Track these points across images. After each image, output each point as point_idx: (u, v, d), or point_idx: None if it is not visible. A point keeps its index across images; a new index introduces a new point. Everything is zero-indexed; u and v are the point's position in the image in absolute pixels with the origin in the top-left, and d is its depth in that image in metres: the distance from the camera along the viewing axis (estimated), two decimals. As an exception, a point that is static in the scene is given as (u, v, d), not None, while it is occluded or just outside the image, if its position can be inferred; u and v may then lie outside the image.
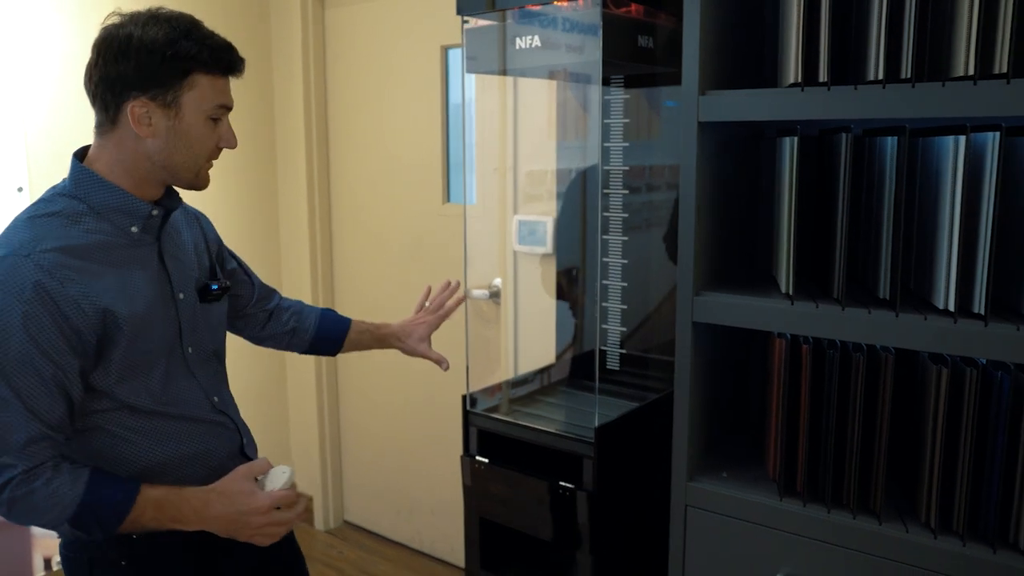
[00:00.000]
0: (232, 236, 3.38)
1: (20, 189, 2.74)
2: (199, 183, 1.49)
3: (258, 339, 1.93)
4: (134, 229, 1.43)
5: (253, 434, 1.70)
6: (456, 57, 3.03)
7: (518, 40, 1.92)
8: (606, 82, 2.12)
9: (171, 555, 1.49)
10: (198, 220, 1.69)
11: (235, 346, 3.28)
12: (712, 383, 1.81)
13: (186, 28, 1.39)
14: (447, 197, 3.15)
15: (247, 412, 3.47)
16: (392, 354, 2.07)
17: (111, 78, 1.36)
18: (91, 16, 2.88)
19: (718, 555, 1.71)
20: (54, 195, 1.42)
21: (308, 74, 3.42)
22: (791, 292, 1.58)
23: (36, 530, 2.85)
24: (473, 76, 2.76)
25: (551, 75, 2.39)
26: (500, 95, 2.75)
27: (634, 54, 1.89)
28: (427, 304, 2.01)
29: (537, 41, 1.90)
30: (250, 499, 1.38)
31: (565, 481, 1.89)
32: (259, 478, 1.43)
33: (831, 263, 1.55)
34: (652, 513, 1.92)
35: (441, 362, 1.96)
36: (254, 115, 3.47)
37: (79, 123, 2.91)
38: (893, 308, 1.45)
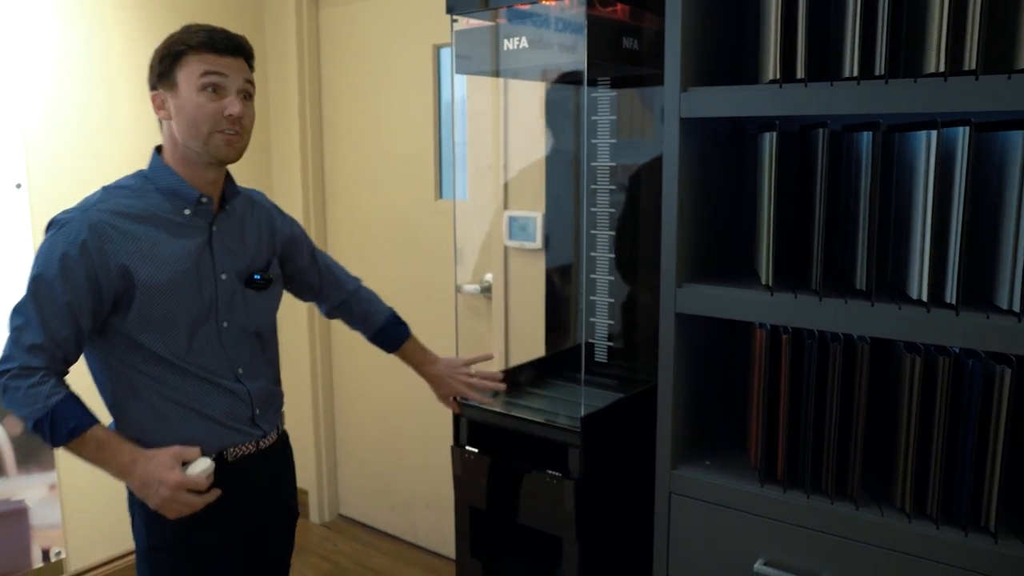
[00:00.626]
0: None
1: (19, 185, 2.76)
2: (216, 152, 1.67)
3: (328, 314, 2.18)
4: (187, 211, 1.70)
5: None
6: (448, 56, 3.07)
7: (506, 42, 1.96)
8: (592, 82, 2.16)
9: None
10: (271, 218, 1.92)
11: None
12: (696, 373, 1.85)
13: (185, 28, 1.66)
14: (439, 193, 3.19)
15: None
16: (386, 355, 2.15)
17: (148, 83, 1.69)
18: (89, 13, 2.91)
19: (702, 541, 1.75)
20: (135, 174, 1.73)
21: (302, 73, 3.46)
22: (771, 283, 1.62)
23: (35, 521, 2.88)
24: (464, 76, 2.81)
25: (541, 75, 2.43)
26: (492, 93, 2.78)
27: (619, 55, 1.93)
28: (471, 368, 2.15)
29: (525, 42, 1.94)
30: (166, 472, 1.58)
31: (553, 470, 1.92)
32: (186, 463, 1.62)
33: (809, 255, 1.59)
34: (638, 501, 1.95)
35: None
36: (249, 113, 3.50)
37: (78, 119, 2.95)
38: (869, 298, 1.49)
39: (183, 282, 1.67)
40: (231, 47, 1.67)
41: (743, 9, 1.95)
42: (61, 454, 2.90)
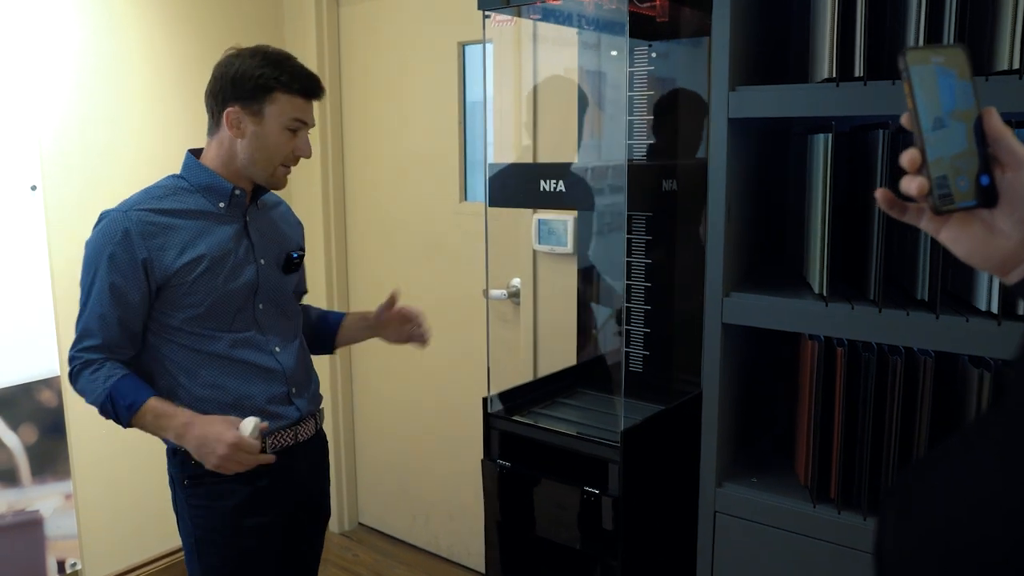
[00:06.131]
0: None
1: (34, 188, 2.71)
2: (275, 182, 1.82)
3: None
4: (221, 204, 1.80)
5: None
6: (473, 54, 2.99)
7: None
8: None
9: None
10: (288, 217, 2.03)
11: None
12: (740, 386, 1.77)
13: (275, 60, 1.75)
14: (464, 195, 3.11)
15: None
16: (409, 355, 2.06)
17: (218, 93, 1.76)
18: (105, 14, 2.85)
19: (748, 563, 1.67)
20: (169, 176, 1.82)
21: (323, 72, 3.38)
22: (825, 293, 1.54)
23: (50, 531, 2.83)
24: (492, 74, 2.73)
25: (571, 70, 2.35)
26: (515, 92, 2.71)
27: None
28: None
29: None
30: (224, 431, 1.67)
31: (590, 486, 1.85)
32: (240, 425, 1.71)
33: (866, 263, 1.51)
34: (679, 519, 1.87)
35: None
36: (268, 113, 3.44)
37: (93, 121, 2.89)
38: (932, 310, 1.41)
39: (225, 266, 1.78)
40: (319, 95, 1.81)
41: (787, 6, 1.87)
42: (76, 463, 2.85)
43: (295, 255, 1.95)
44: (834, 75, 1.47)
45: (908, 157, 0.76)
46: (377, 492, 3.67)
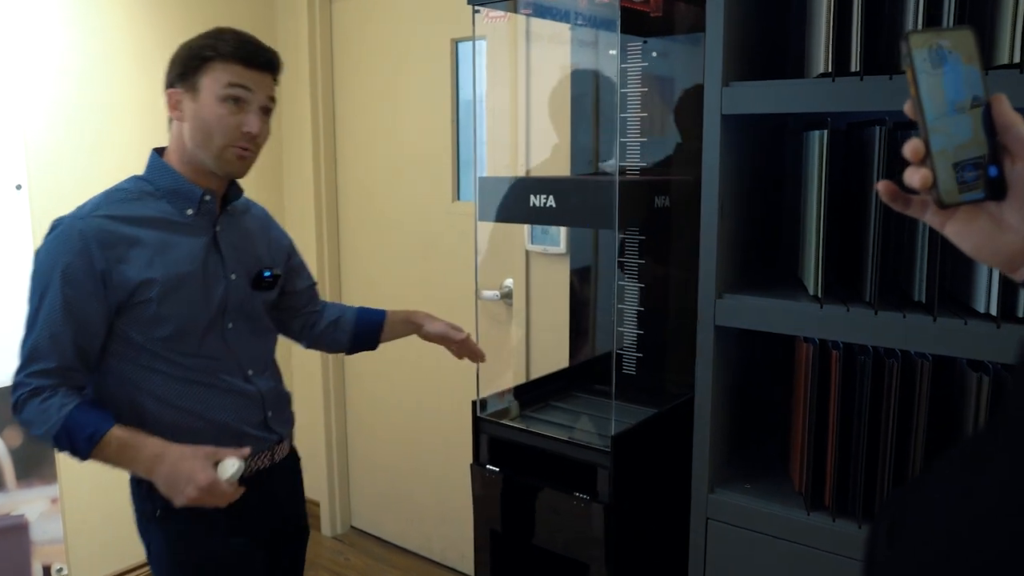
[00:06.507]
0: (237, 235, 3.33)
1: (19, 187, 2.67)
2: (225, 167, 1.62)
3: (312, 338, 2.02)
4: (189, 211, 1.63)
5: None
6: (467, 51, 2.95)
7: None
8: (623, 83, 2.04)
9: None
10: (268, 227, 1.87)
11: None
12: (733, 389, 1.73)
13: (216, 32, 1.60)
14: (457, 195, 3.07)
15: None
16: (401, 356, 2.01)
17: (165, 79, 1.63)
18: (92, 12, 2.81)
19: (741, 570, 1.63)
20: (132, 177, 1.66)
21: (315, 69, 3.35)
22: (820, 295, 1.49)
23: (36, 536, 2.79)
24: (484, 72, 2.69)
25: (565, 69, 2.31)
26: (512, 89, 2.67)
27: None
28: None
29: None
30: (198, 470, 1.49)
31: (580, 492, 1.80)
32: (217, 463, 1.53)
33: (862, 264, 1.47)
34: (672, 526, 1.83)
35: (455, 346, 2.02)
36: (260, 112, 3.40)
37: (79, 120, 2.85)
38: (930, 312, 1.37)
39: (192, 284, 1.62)
40: (261, 61, 1.61)
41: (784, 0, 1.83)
42: (63, 467, 2.81)
43: (267, 274, 1.77)
44: (830, 70, 1.43)
45: (911, 147, 0.72)
46: (370, 495, 3.63)
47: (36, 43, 2.70)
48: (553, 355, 2.64)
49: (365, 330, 2.01)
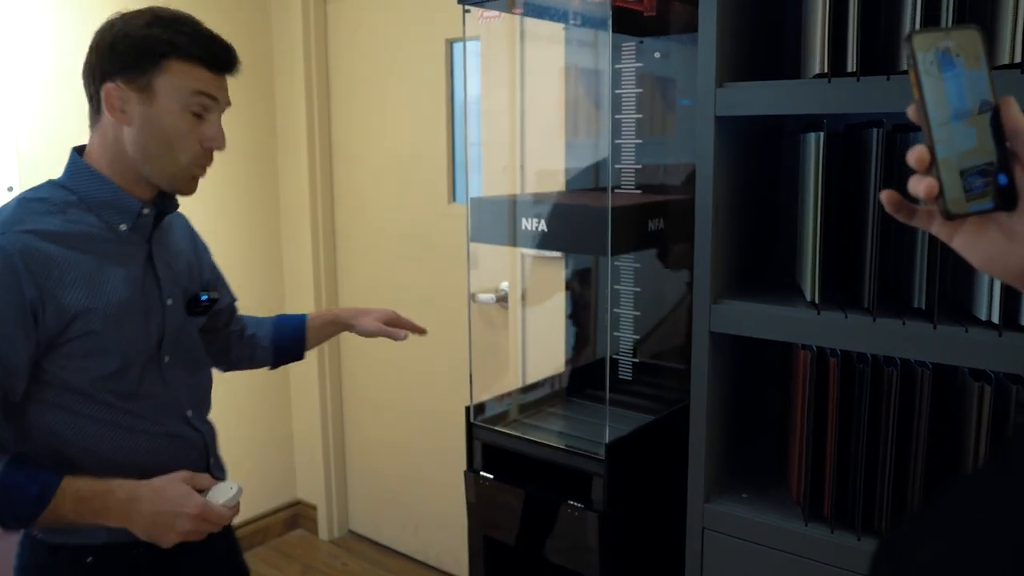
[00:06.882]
0: (231, 237, 3.30)
1: (10, 188, 2.65)
2: (180, 185, 1.42)
3: (231, 361, 1.82)
4: (123, 227, 1.40)
5: (256, 443, 1.63)
6: (462, 51, 2.92)
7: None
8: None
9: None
10: (194, 239, 1.66)
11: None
12: (730, 396, 1.70)
13: (169, 19, 1.37)
14: (452, 196, 3.04)
15: (250, 421, 3.37)
16: (398, 362, 1.96)
17: (94, 67, 1.36)
18: (84, 15, 2.78)
19: (738, 582, 1.60)
20: (48, 183, 1.41)
21: (310, 69, 3.31)
22: (817, 301, 1.46)
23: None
24: (478, 72, 2.66)
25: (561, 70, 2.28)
26: (508, 90, 2.63)
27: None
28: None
29: None
30: (185, 500, 1.30)
31: (574, 500, 1.77)
32: (201, 491, 1.35)
33: (860, 270, 1.43)
34: (667, 535, 1.80)
35: (396, 336, 1.80)
36: (254, 112, 3.37)
37: (71, 122, 2.82)
38: (930, 319, 1.33)
39: (133, 313, 1.39)
40: (228, 65, 1.41)
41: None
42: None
43: (204, 298, 1.55)
44: (826, 70, 1.39)
45: (916, 155, 0.68)
46: (367, 499, 3.60)
47: (29, 46, 2.68)
48: (548, 358, 2.61)
49: (286, 340, 1.82)
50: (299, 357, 1.87)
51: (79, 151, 1.43)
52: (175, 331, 1.49)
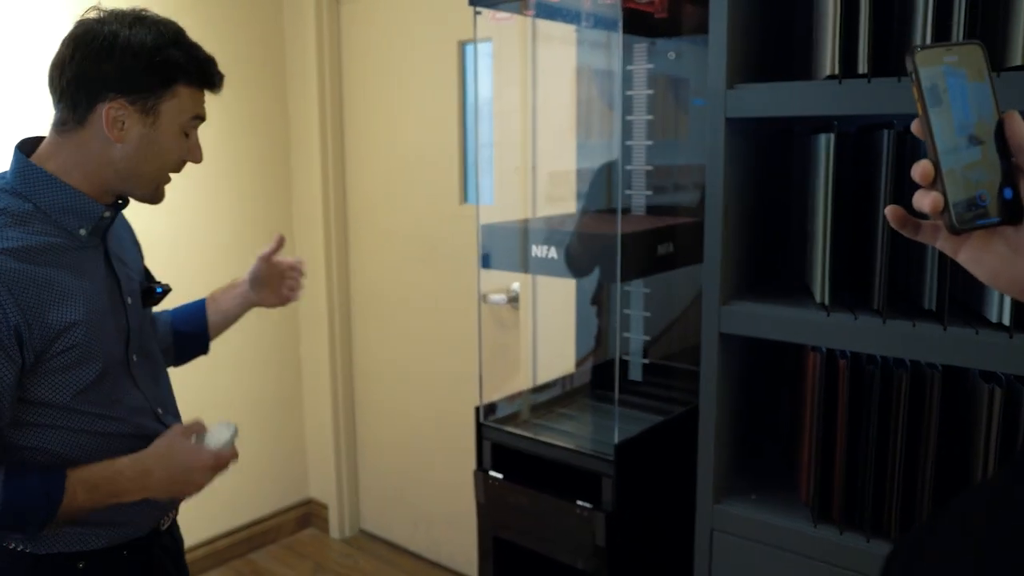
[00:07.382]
0: (244, 238, 3.31)
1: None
2: (157, 197, 1.43)
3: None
4: (82, 232, 1.34)
5: (269, 442, 1.62)
6: (473, 53, 2.93)
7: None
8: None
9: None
10: (132, 232, 1.61)
11: (252, 354, 3.19)
12: (739, 397, 1.70)
13: (173, 36, 1.33)
14: (464, 198, 3.05)
15: (262, 421, 3.37)
16: (408, 362, 1.97)
17: (88, 77, 1.29)
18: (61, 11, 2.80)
19: (746, 584, 1.60)
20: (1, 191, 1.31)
21: (323, 70, 3.33)
22: (827, 302, 1.46)
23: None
24: (490, 73, 2.66)
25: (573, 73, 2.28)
26: (520, 91, 2.64)
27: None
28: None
29: None
30: (195, 455, 1.37)
31: (583, 500, 1.77)
32: (195, 437, 1.41)
33: (871, 271, 1.43)
34: (676, 536, 1.80)
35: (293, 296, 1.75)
36: (267, 113, 3.38)
37: (34, 120, 2.84)
38: (940, 321, 1.33)
39: (106, 318, 1.37)
40: (221, 85, 1.40)
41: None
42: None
43: (159, 290, 1.52)
44: (837, 72, 1.39)
45: (920, 169, 0.68)
46: (378, 497, 3.61)
47: (24, 44, 2.69)
48: (559, 359, 2.61)
49: (186, 325, 1.71)
50: (204, 348, 1.76)
51: (25, 150, 1.34)
52: (138, 329, 1.47)
